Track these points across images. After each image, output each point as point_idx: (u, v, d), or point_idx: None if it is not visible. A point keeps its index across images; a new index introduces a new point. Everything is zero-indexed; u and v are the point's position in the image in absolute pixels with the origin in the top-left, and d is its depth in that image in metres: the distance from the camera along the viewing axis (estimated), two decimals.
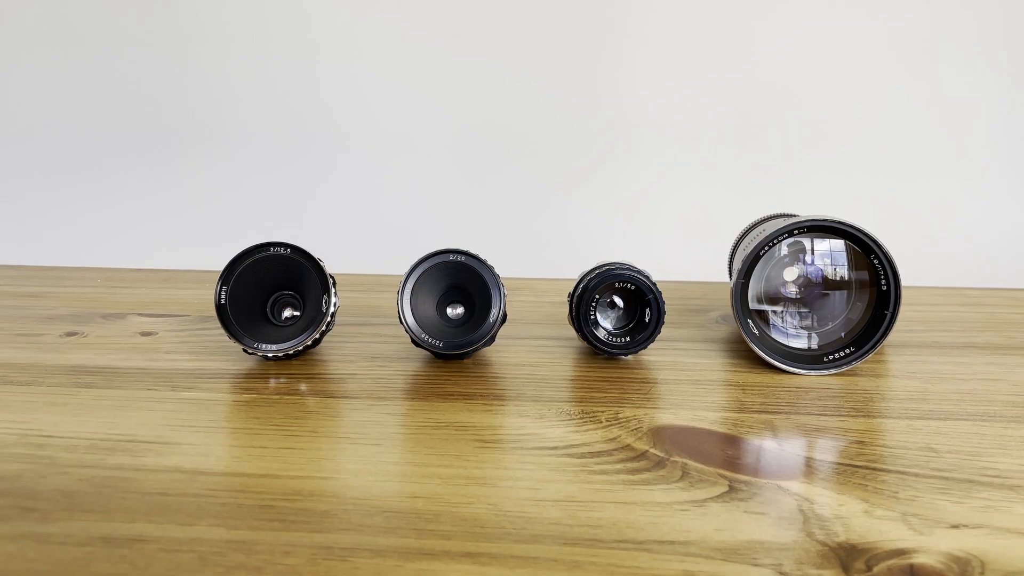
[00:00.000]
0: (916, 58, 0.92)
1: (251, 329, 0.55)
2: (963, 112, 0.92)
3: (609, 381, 0.53)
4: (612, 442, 0.44)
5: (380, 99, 0.99)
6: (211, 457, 0.42)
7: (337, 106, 1.00)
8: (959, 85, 0.92)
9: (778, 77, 0.94)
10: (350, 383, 0.53)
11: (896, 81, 0.93)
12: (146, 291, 0.76)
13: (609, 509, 0.37)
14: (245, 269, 0.56)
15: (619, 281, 0.55)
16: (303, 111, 1.00)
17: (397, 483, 0.39)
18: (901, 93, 0.93)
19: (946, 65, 0.91)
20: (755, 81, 0.95)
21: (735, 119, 0.96)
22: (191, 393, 0.51)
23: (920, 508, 0.37)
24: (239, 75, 1.00)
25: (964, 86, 0.92)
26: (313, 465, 0.41)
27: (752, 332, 0.54)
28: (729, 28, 0.94)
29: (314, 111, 1.00)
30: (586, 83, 0.97)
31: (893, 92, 0.93)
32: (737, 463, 0.42)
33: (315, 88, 1.00)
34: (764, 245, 0.53)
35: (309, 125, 1.01)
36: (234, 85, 1.01)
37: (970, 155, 0.93)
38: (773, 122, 0.95)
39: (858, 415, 0.48)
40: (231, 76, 1.00)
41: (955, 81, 0.92)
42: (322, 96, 1.00)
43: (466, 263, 0.55)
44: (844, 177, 0.95)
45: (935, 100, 0.92)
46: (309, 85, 1.00)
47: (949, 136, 0.93)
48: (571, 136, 0.98)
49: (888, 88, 0.93)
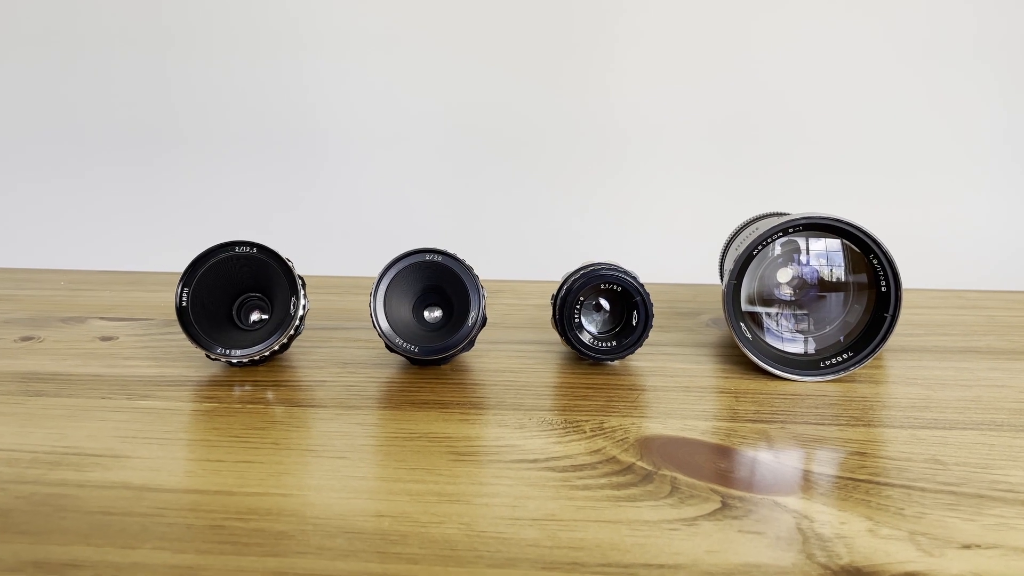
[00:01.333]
0: (910, 57, 0.89)
1: (215, 333, 0.52)
2: (954, 112, 0.90)
3: (594, 388, 0.50)
4: (596, 454, 0.41)
5: (357, 96, 0.96)
6: (162, 472, 0.39)
7: (314, 104, 0.97)
8: (953, 84, 0.89)
9: (768, 77, 0.91)
10: (319, 391, 0.50)
11: (888, 81, 0.90)
12: (110, 294, 0.73)
13: (592, 529, 0.34)
14: (208, 269, 0.53)
15: (604, 282, 0.52)
16: (279, 109, 0.97)
17: (362, 500, 0.36)
18: (894, 93, 0.90)
19: (940, 63, 0.89)
20: (744, 81, 0.92)
21: (725, 119, 0.93)
22: (147, 402, 0.48)
23: (928, 526, 0.34)
24: (215, 73, 0.97)
25: (959, 85, 0.89)
26: (272, 480, 0.38)
27: (745, 336, 0.51)
28: (720, 27, 0.91)
29: (292, 109, 0.97)
30: (570, 80, 0.94)
31: (886, 92, 0.90)
32: (730, 477, 0.39)
33: (293, 86, 0.97)
34: (757, 244, 0.50)
35: (286, 124, 0.97)
36: (209, 84, 0.97)
37: (963, 156, 0.91)
38: (763, 122, 0.93)
39: (858, 424, 0.45)
40: (207, 74, 0.97)
41: (949, 80, 0.89)
42: (299, 94, 0.97)
43: (443, 263, 0.52)
44: (835, 178, 0.92)
45: (928, 99, 0.90)
46: (287, 83, 0.96)
47: (942, 136, 0.91)
48: (555, 135, 0.95)
49: (881, 88, 0.90)
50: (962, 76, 0.89)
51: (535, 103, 0.94)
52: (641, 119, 0.94)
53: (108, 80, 0.98)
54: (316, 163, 0.98)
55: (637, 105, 0.94)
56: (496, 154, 0.96)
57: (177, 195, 1.00)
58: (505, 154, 0.96)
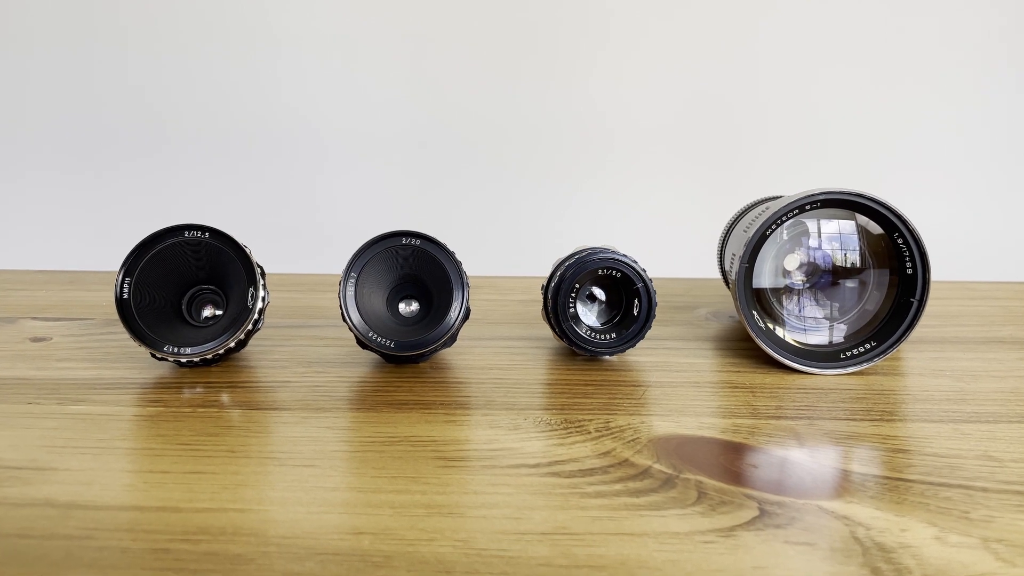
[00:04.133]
0: (905, 45, 0.86)
1: (161, 329, 0.46)
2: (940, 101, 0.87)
3: (593, 385, 0.45)
4: (606, 456, 0.35)
5: (326, 87, 0.90)
6: (95, 486, 0.33)
7: (283, 94, 0.91)
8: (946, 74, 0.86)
9: (756, 70, 0.88)
10: (281, 392, 0.44)
11: (882, 71, 0.87)
12: (46, 293, 0.66)
13: (614, 544, 0.28)
14: (154, 257, 0.46)
15: (602, 267, 0.47)
16: (245, 99, 0.91)
17: (336, 515, 0.30)
18: (887, 83, 0.87)
19: (936, 54, 0.86)
20: (730, 74, 0.88)
21: (709, 111, 0.89)
22: (81, 407, 0.41)
23: (1001, 531, 0.29)
24: (176, 62, 0.90)
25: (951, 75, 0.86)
26: (227, 494, 0.32)
27: (758, 326, 0.46)
28: (710, 17, 0.87)
29: (256, 98, 0.91)
30: (553, 68, 0.89)
31: (879, 82, 0.87)
32: (763, 480, 0.34)
33: (262, 75, 0.90)
34: (771, 223, 0.46)
35: (254, 113, 0.91)
36: (171, 74, 0.90)
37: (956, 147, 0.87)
38: (749, 115, 0.89)
39: (893, 419, 0.40)
40: (168, 63, 0.90)
41: (944, 71, 0.86)
42: (267, 84, 0.90)
43: (422, 248, 0.47)
44: (824, 171, 0.88)
45: (923, 91, 0.87)
46: (259, 74, 0.90)
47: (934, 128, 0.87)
48: (535, 126, 0.90)
49: (874, 78, 0.87)
50: (954, 67, 0.86)
51: (517, 93, 0.89)
52: (621, 111, 0.89)
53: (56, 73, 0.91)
54: (282, 156, 0.91)
55: (617, 97, 0.89)
56: (472, 148, 0.90)
57: (130, 192, 0.93)
58: (481, 148, 0.90)
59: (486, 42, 0.89)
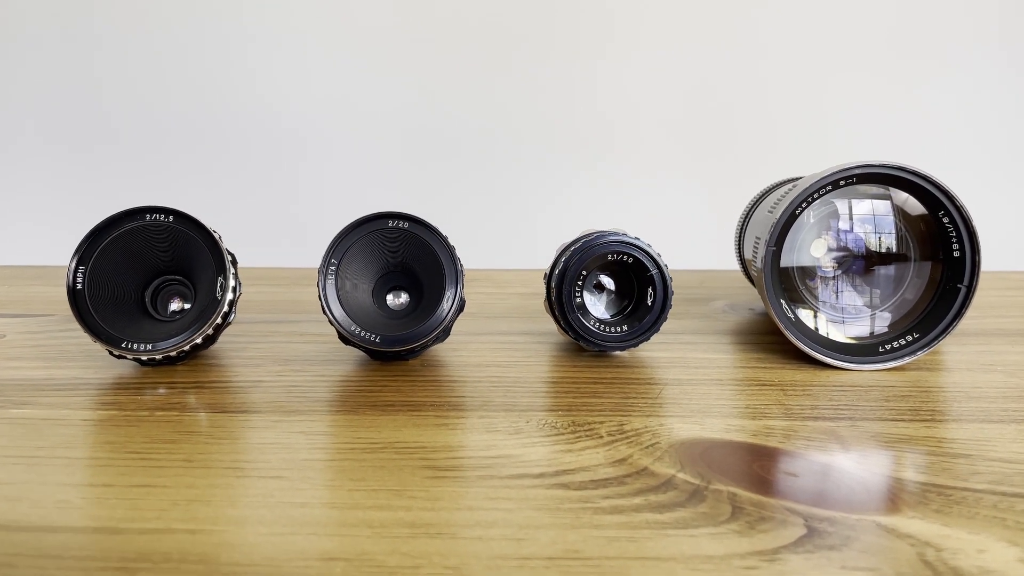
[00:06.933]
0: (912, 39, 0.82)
1: (120, 324, 0.41)
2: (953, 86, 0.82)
3: (603, 383, 0.40)
4: (622, 464, 0.30)
5: (311, 75, 0.85)
6: (22, 503, 0.28)
7: (269, 80, 0.86)
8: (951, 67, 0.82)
9: (758, 65, 0.83)
10: (252, 392, 0.39)
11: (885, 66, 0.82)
12: (6, 289, 0.61)
13: (636, 570, 0.23)
14: (113, 243, 0.42)
15: (612, 252, 0.42)
16: (225, 85, 0.86)
17: (303, 537, 0.25)
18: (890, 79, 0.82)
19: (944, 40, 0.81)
20: (731, 68, 0.83)
21: (716, 99, 0.84)
22: (23, 410, 0.36)
23: None
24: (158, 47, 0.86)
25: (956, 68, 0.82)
26: (177, 512, 0.27)
27: (786, 316, 0.42)
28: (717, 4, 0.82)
29: (234, 86, 0.86)
30: (553, 55, 0.84)
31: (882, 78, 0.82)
32: (807, 491, 0.29)
33: (249, 61, 0.86)
34: (801, 201, 0.41)
35: (235, 100, 0.86)
36: (152, 58, 0.86)
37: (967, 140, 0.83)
38: (752, 108, 0.84)
39: (946, 419, 0.35)
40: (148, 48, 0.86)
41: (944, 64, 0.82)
42: (251, 72, 0.86)
43: (411, 232, 0.42)
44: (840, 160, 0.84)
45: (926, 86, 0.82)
46: (246, 58, 0.85)
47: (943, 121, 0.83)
48: (533, 118, 0.85)
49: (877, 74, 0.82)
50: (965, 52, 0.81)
51: (514, 83, 0.85)
52: (624, 100, 0.84)
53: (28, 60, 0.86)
54: (267, 144, 0.87)
55: (620, 85, 0.84)
56: (468, 140, 0.86)
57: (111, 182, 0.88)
58: (476, 140, 0.86)
59: (485, 29, 0.84)
